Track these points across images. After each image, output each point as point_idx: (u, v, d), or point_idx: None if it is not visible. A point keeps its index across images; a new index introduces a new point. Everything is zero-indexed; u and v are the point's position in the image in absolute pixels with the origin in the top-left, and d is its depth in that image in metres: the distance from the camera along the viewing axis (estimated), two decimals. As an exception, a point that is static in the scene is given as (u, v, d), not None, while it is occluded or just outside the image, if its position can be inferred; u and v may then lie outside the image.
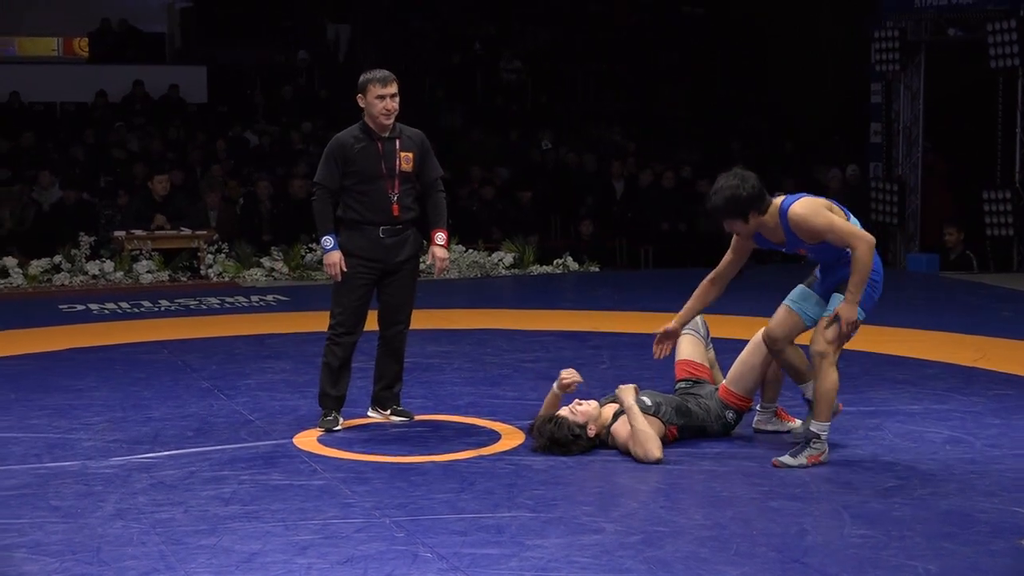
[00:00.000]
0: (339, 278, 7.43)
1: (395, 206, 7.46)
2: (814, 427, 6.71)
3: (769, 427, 7.33)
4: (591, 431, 6.95)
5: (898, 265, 15.93)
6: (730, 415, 7.18)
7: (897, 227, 16.19)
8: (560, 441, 6.89)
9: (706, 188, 17.58)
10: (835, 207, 6.72)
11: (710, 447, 7.02)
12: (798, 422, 7.19)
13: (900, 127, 16.27)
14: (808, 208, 6.61)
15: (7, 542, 5.54)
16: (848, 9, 19.78)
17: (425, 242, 7.69)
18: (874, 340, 9.54)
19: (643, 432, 6.76)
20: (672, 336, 7.19)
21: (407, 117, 7.61)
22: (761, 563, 5.25)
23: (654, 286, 13.72)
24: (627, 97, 22.42)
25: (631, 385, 7.04)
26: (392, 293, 7.59)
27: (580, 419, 6.94)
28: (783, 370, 7.09)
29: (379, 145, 7.45)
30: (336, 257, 7.41)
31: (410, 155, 7.52)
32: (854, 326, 6.63)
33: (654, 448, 6.72)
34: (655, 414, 6.93)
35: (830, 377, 6.67)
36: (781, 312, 6.86)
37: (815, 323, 6.76)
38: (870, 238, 6.57)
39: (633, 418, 6.82)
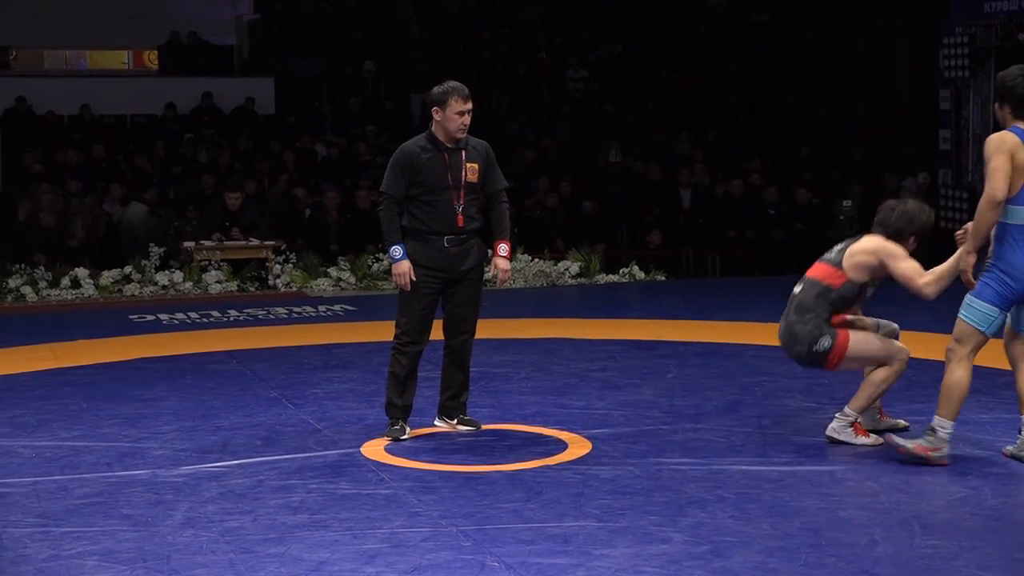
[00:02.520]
0: (408, 287, 7.45)
1: (460, 216, 7.47)
2: (934, 421, 6.72)
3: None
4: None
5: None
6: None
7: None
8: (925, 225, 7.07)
9: (774, 196, 17.56)
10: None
11: (778, 457, 6.98)
12: (898, 422, 7.24)
13: (970, 134, 16.09)
14: (999, 137, 6.51)
15: (79, 550, 5.60)
16: (918, 15, 19.61)
17: (489, 252, 7.70)
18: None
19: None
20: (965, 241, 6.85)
21: (472, 127, 7.61)
22: (830, 573, 5.21)
23: (721, 295, 13.65)
24: (694, 105, 22.33)
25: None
26: (457, 303, 7.60)
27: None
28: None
29: (446, 156, 7.47)
30: (405, 267, 7.42)
31: (476, 166, 7.53)
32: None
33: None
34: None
35: (953, 374, 6.69)
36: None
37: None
38: (992, 194, 6.41)
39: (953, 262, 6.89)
